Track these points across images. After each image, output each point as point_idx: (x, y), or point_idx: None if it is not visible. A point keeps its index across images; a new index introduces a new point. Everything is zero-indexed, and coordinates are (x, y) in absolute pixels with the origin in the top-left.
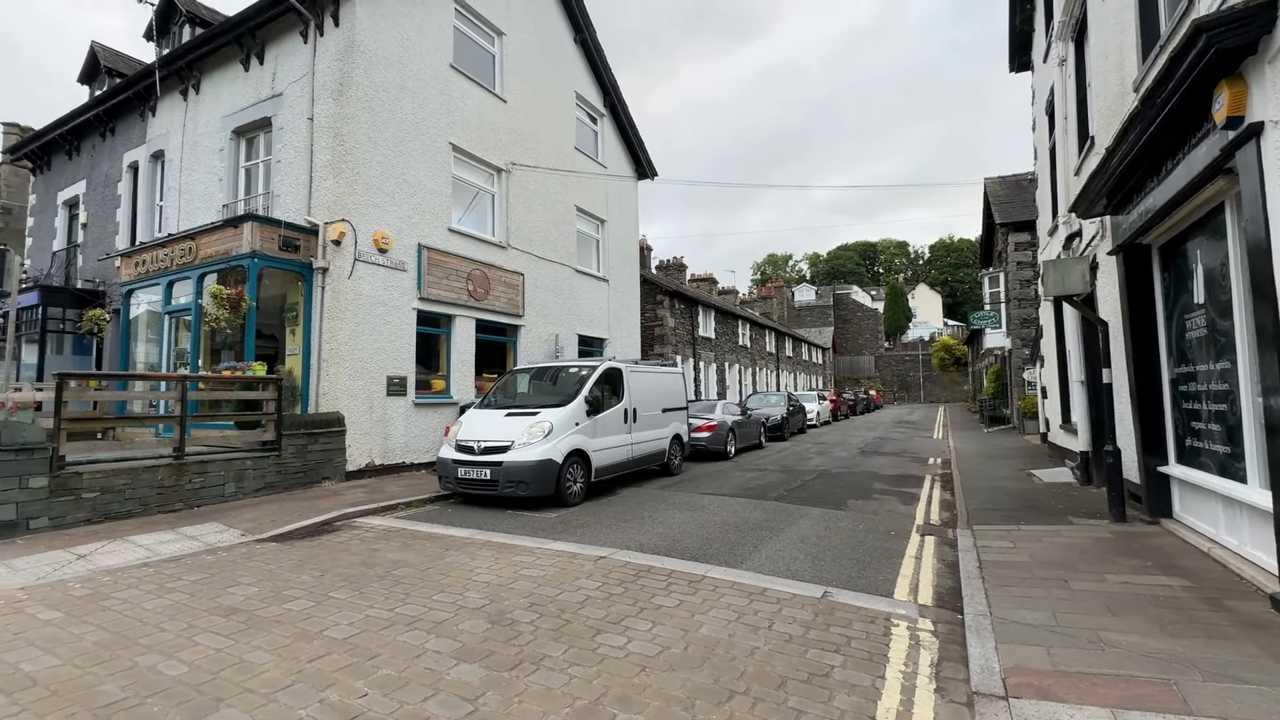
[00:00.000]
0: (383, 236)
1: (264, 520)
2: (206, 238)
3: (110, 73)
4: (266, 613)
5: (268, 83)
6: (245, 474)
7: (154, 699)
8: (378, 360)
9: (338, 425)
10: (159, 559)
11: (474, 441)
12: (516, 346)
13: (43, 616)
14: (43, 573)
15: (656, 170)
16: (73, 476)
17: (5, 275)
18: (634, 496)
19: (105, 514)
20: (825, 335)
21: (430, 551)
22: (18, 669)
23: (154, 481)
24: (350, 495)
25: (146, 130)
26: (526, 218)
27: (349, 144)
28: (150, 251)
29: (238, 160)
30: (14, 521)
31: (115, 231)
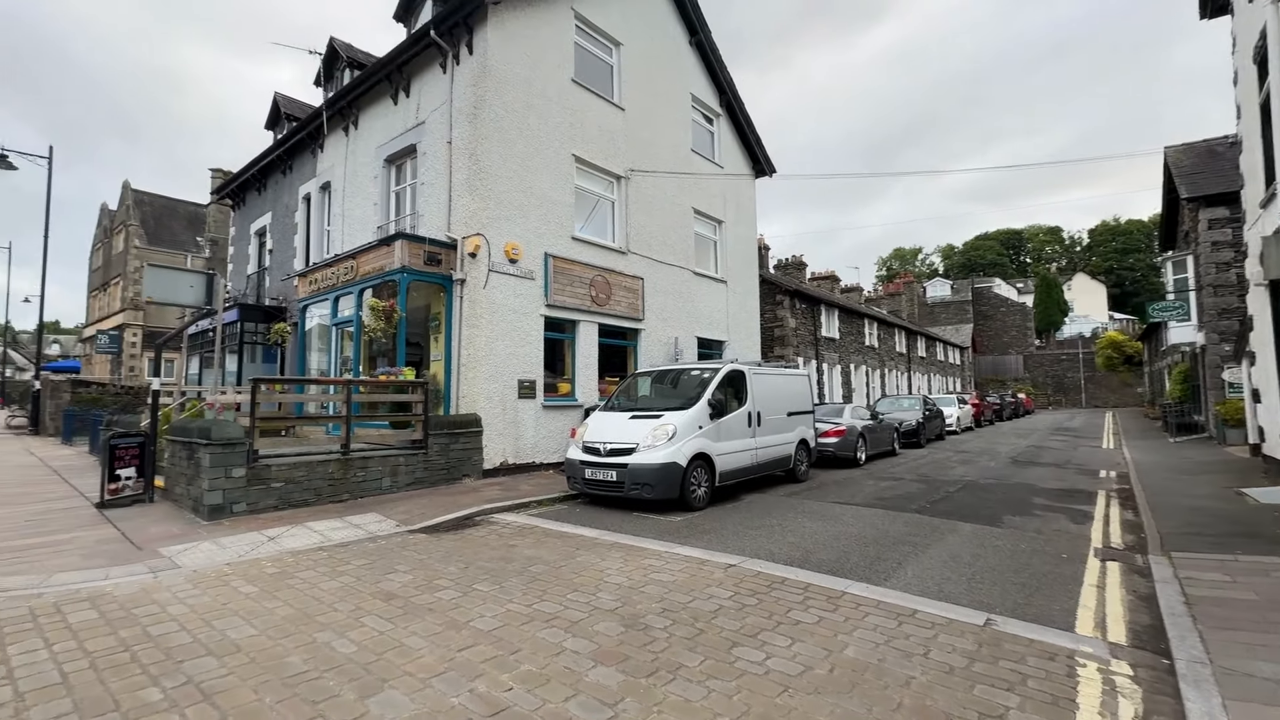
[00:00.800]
0: (513, 248)
1: (415, 513)
2: (365, 256)
3: (289, 118)
4: (420, 600)
5: (413, 113)
6: (399, 470)
7: (330, 674)
8: (510, 365)
9: (476, 426)
10: (331, 544)
11: (600, 443)
12: (637, 350)
13: (243, 590)
14: (242, 551)
15: (774, 166)
16: (264, 468)
17: (214, 296)
18: (760, 503)
19: (289, 501)
20: (963, 333)
21: (562, 550)
22: (225, 636)
23: (326, 474)
24: (487, 492)
25: (316, 165)
26: (645, 222)
27: (482, 163)
28: (320, 271)
29: (389, 185)
30: (221, 505)
31: (294, 255)
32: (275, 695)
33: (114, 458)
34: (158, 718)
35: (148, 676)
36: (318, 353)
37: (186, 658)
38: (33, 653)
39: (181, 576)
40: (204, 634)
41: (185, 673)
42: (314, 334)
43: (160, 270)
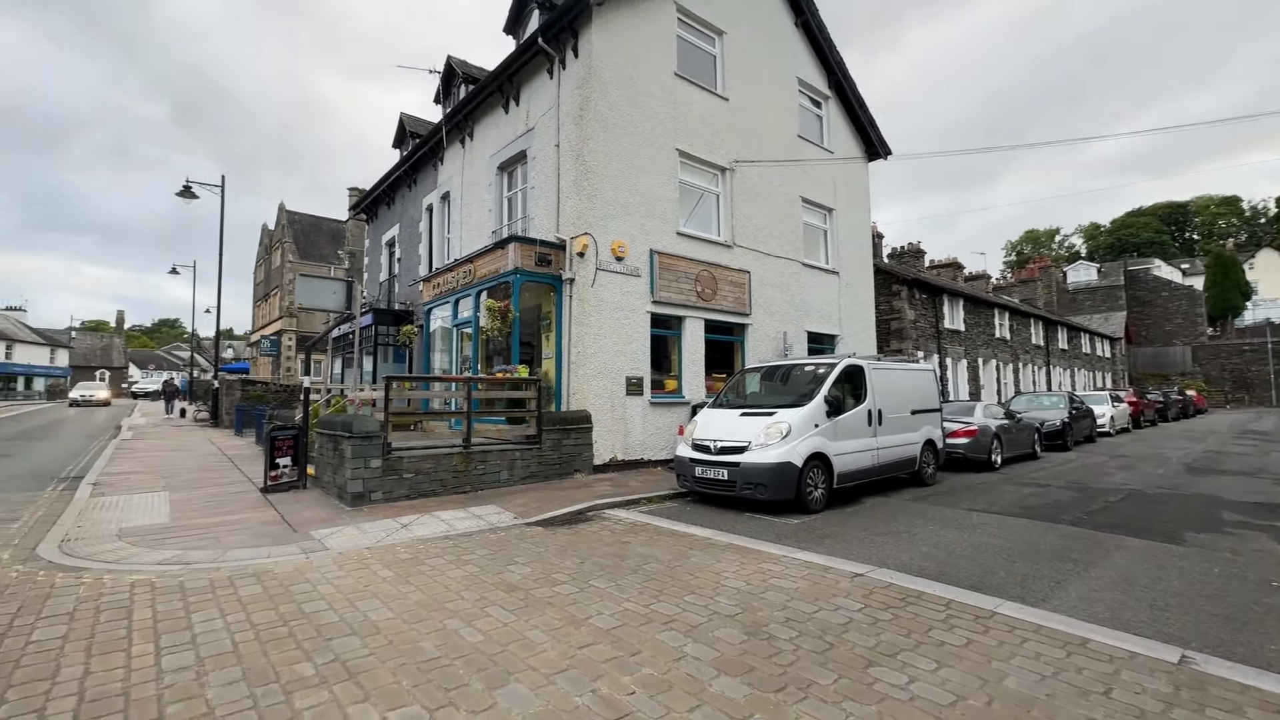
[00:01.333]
0: (619, 245)
1: (530, 506)
2: (481, 260)
3: (413, 135)
4: (539, 593)
5: (522, 120)
6: (515, 464)
7: (459, 662)
8: (617, 362)
9: (586, 422)
10: (456, 534)
11: (710, 441)
12: (744, 346)
13: (381, 574)
14: (379, 537)
15: (889, 147)
16: (397, 460)
17: (353, 301)
18: (883, 507)
19: (418, 491)
20: (1114, 322)
21: (675, 549)
22: (366, 617)
23: (450, 467)
24: (598, 488)
25: (437, 177)
26: (751, 214)
27: (589, 163)
28: (441, 276)
29: (502, 191)
30: (362, 493)
31: (418, 262)
32: (411, 679)
33: (274, 448)
34: (309, 692)
35: (302, 652)
36: (440, 353)
37: (334, 636)
38: (210, 621)
39: (329, 558)
40: (348, 614)
41: (333, 650)
42: (437, 335)
43: (309, 280)
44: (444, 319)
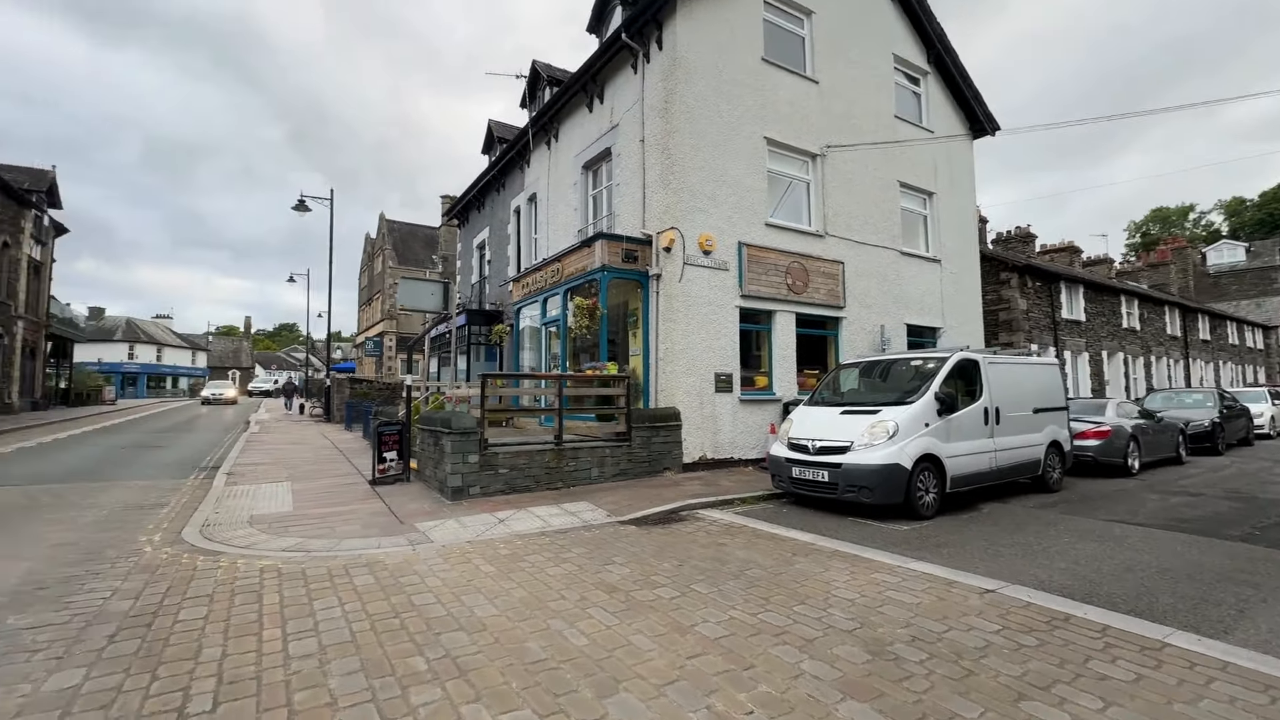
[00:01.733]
0: (706, 239)
1: (622, 504)
2: (568, 258)
3: (500, 141)
4: (640, 596)
5: (606, 117)
6: (605, 461)
7: (566, 666)
8: (706, 358)
9: (675, 420)
10: (552, 530)
11: (808, 440)
12: (838, 340)
13: (483, 569)
14: (479, 531)
15: (997, 122)
16: (493, 455)
17: (449, 302)
18: (1004, 515)
19: (513, 486)
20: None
21: (777, 554)
22: (473, 613)
23: (543, 463)
24: (689, 486)
25: (524, 179)
26: (844, 202)
27: (674, 156)
28: (530, 276)
29: (587, 190)
30: (461, 487)
31: (507, 263)
32: (520, 681)
33: (381, 443)
34: (424, 688)
35: (414, 645)
36: (529, 351)
37: (443, 630)
38: (329, 610)
39: (433, 551)
40: (455, 608)
41: (443, 645)
42: (526, 334)
43: (409, 282)
44: (532, 318)
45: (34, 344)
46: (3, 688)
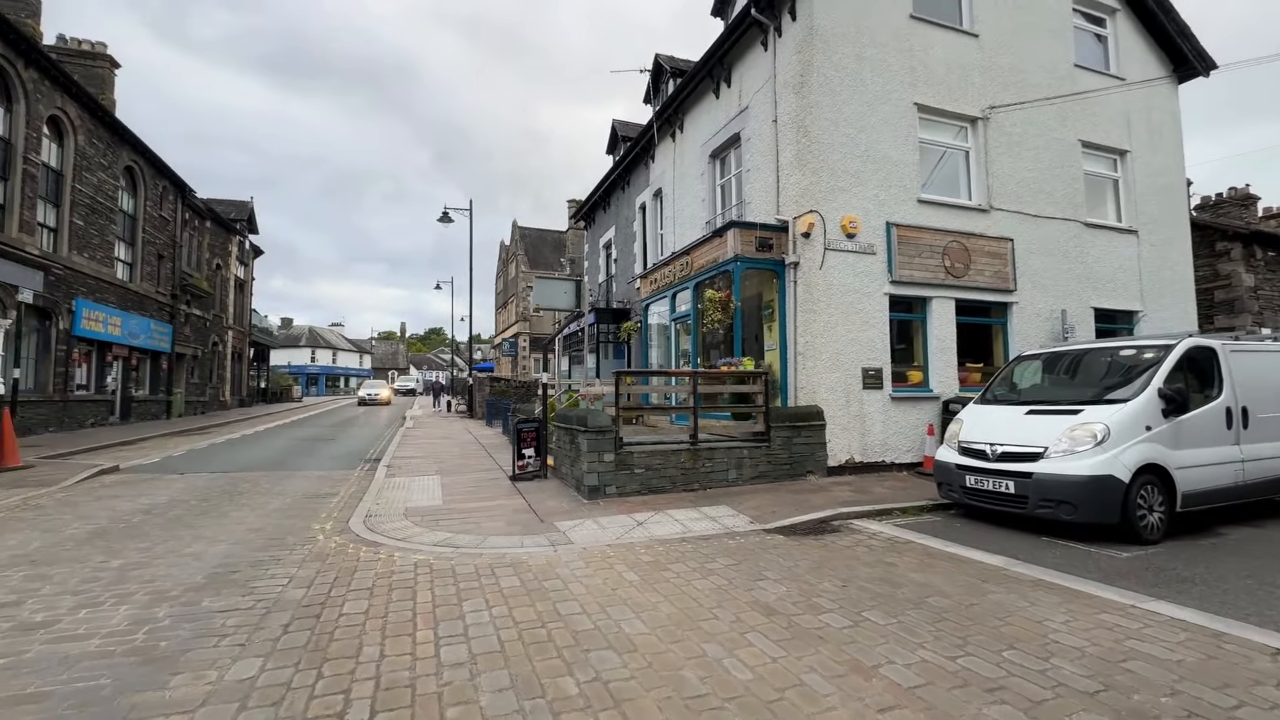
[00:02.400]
0: (850, 221)
1: (765, 509)
2: (698, 251)
3: (624, 139)
4: (804, 621)
5: (735, 101)
6: (743, 462)
7: (731, 706)
8: (851, 351)
9: (818, 419)
10: (693, 536)
11: (984, 444)
12: (1006, 328)
13: (626, 577)
14: (618, 533)
15: (1210, 58)
16: (628, 455)
17: (581, 299)
18: (1260, 543)
19: (649, 487)
20: None
21: (962, 580)
22: (620, 629)
23: (678, 464)
24: (837, 492)
25: (649, 175)
26: (1012, 169)
27: (812, 133)
28: (658, 271)
29: (714, 180)
30: (597, 486)
31: (634, 261)
32: (680, 718)
33: (520, 440)
34: (576, 716)
35: (563, 662)
36: (657, 348)
37: (591, 647)
38: (478, 613)
39: (574, 553)
40: (602, 622)
41: (593, 666)
42: (654, 330)
43: (544, 282)
44: (660, 314)
45: (240, 350)
46: (192, 673)
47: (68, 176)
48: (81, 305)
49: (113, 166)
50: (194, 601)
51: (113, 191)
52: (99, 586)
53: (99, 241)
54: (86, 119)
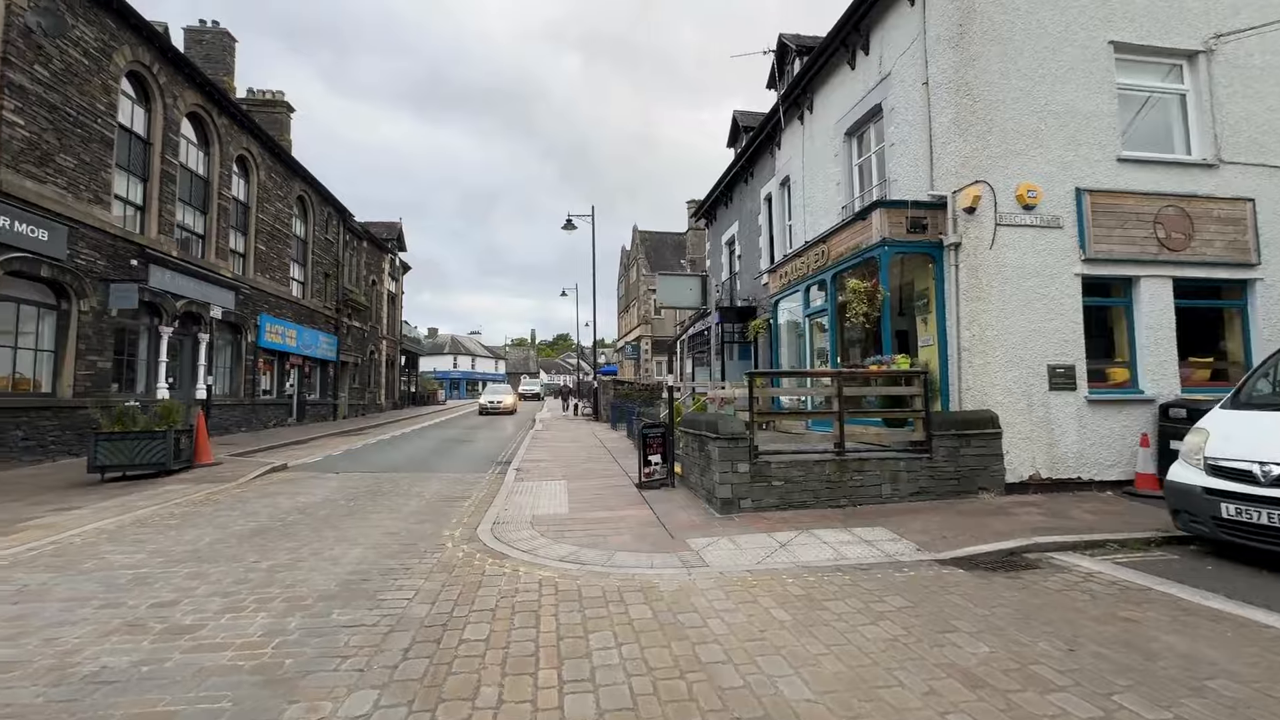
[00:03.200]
0: (1028, 190)
1: (933, 533)
2: (835, 238)
3: (745, 130)
4: (1029, 705)
5: (874, 69)
6: (899, 476)
7: None
8: (1032, 346)
9: (991, 426)
10: (848, 564)
11: (1248, 463)
12: (1247, 312)
13: (775, 615)
14: (759, 556)
15: None
16: (764, 465)
17: (707, 296)
18: None
19: (788, 502)
20: None
21: (1250, 654)
22: (779, 692)
23: (822, 476)
24: (1023, 516)
25: (774, 164)
26: (1249, 112)
27: (975, 91)
28: (788, 264)
29: (850, 160)
30: (730, 499)
31: (759, 256)
32: None
33: (645, 446)
34: None
35: None
36: (788, 347)
37: (743, 716)
38: (606, 651)
39: (711, 579)
40: (752, 677)
41: None
42: (784, 328)
43: (668, 279)
44: (791, 310)
45: (392, 357)
46: (308, 703)
47: (252, 207)
48: (265, 320)
49: (287, 197)
50: (324, 613)
51: (288, 219)
52: (246, 589)
53: (277, 263)
54: (266, 156)
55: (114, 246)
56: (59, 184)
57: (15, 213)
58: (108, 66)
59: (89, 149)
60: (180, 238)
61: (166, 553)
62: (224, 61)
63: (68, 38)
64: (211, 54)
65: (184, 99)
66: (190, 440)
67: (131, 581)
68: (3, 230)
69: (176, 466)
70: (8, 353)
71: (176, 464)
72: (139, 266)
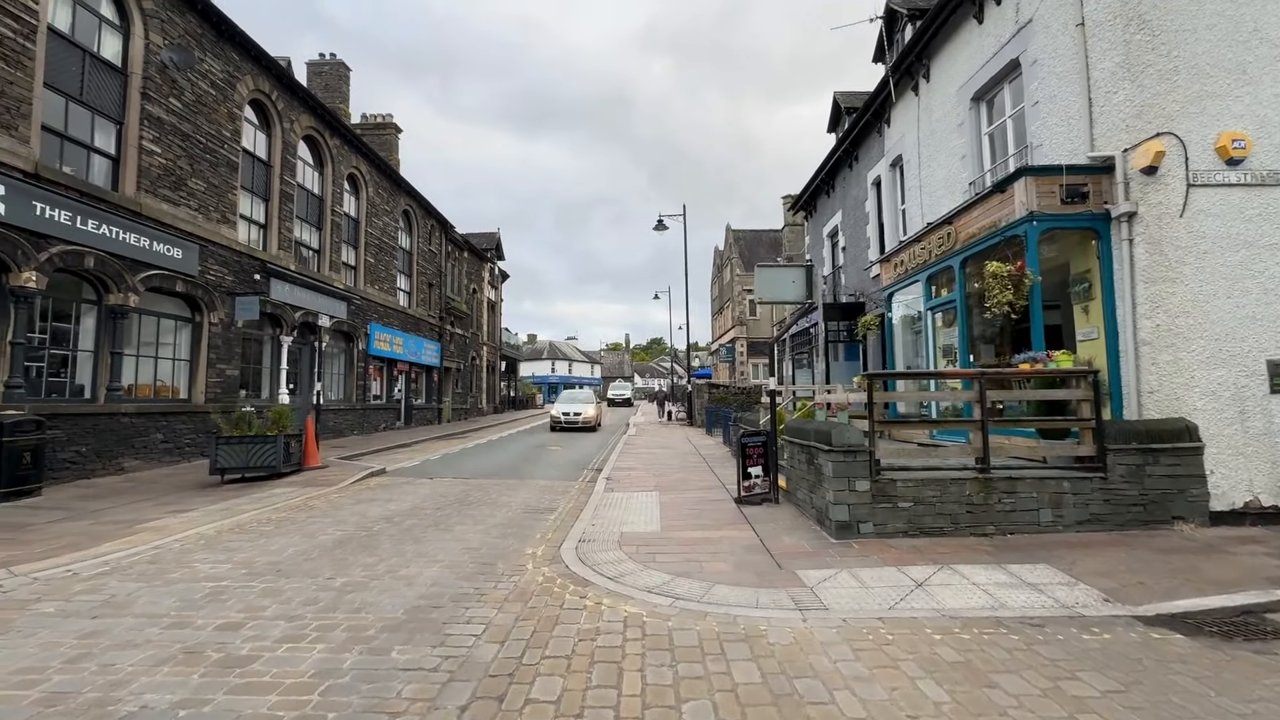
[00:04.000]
0: (1233, 140)
1: (1120, 577)
2: (965, 217)
3: (848, 111)
4: None
5: (1009, 19)
6: (1062, 499)
7: None
8: (1243, 336)
9: (1187, 439)
10: (1011, 615)
11: None
12: None
13: (928, 693)
14: (890, 599)
15: None
16: (888, 483)
17: (813, 288)
18: None
19: (918, 527)
20: None
21: None
22: None
23: (961, 497)
24: (1248, 557)
25: (884, 144)
26: None
27: (1153, 22)
28: (905, 251)
29: (978, 129)
30: (848, 523)
31: (866, 246)
32: None
33: (745, 456)
34: None
35: None
36: (903, 345)
37: None
38: None
39: (832, 627)
40: None
41: None
42: (899, 324)
43: (767, 270)
44: (908, 303)
45: (493, 363)
46: None
47: (362, 222)
48: (374, 329)
49: (393, 211)
50: (384, 648)
51: (394, 232)
52: (312, 612)
53: (385, 274)
54: (374, 173)
55: (239, 262)
56: (191, 206)
57: (154, 233)
58: (232, 96)
59: (217, 173)
60: (298, 252)
61: (250, 563)
62: (340, 90)
63: (197, 70)
64: (329, 84)
65: (299, 123)
66: (299, 444)
67: (207, 596)
68: (143, 250)
69: (286, 469)
70: (151, 362)
71: (286, 467)
72: (261, 281)
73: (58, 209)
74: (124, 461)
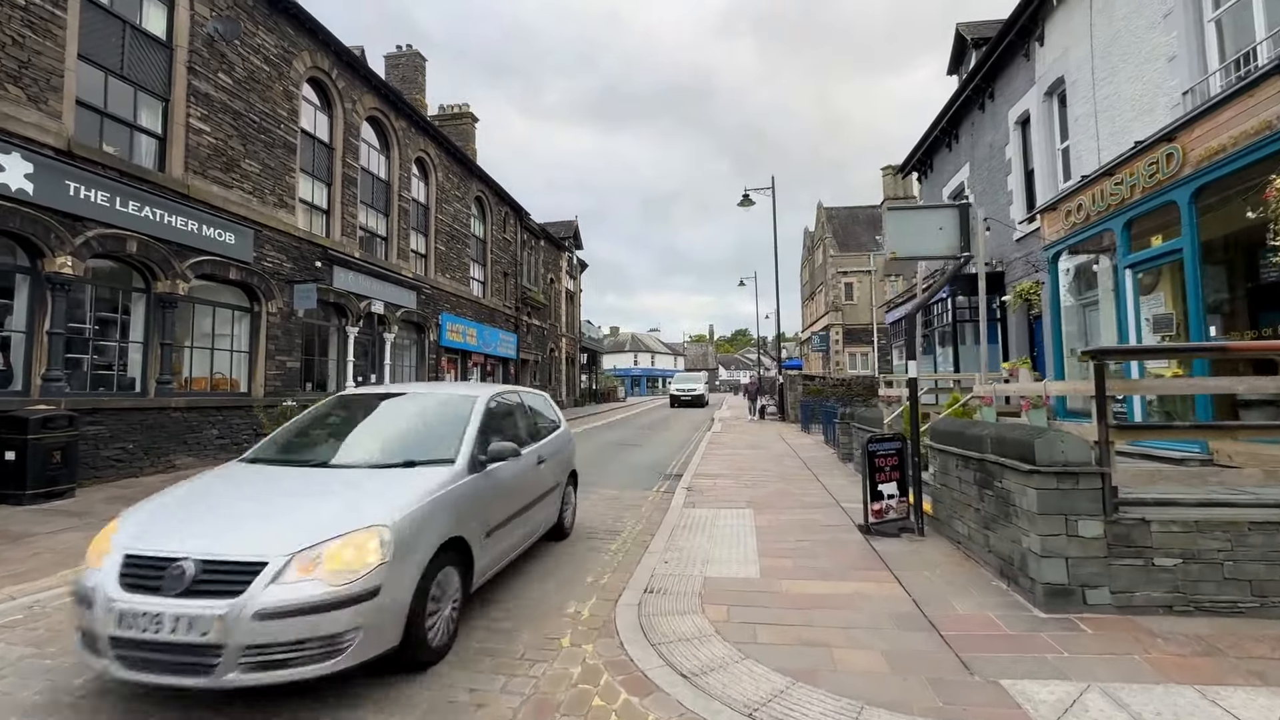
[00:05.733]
0: None
1: None
2: (1201, 126)
3: (976, 45)
4: None
5: None
6: None
7: None
8: None
9: None
10: None
11: None
12: None
13: None
14: None
15: None
16: (1136, 524)
17: (972, 236)
18: None
19: (1193, 602)
20: None
21: None
22: None
23: (1265, 553)
24: None
25: (1033, 70)
26: None
27: None
28: (1085, 192)
29: (1198, 15)
30: (1065, 587)
31: (1008, 201)
32: None
33: (873, 468)
34: None
35: None
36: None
37: None
38: None
39: None
40: None
41: None
42: (1066, 292)
43: (901, 214)
44: (1079, 264)
45: (572, 355)
46: None
47: (431, 208)
48: (446, 319)
49: (465, 197)
50: None
51: (466, 219)
52: None
53: (457, 263)
54: (444, 157)
55: (299, 249)
56: (244, 189)
57: (204, 217)
58: (288, 73)
59: (272, 154)
60: (363, 239)
61: None
62: (416, 80)
63: (248, 45)
64: (406, 75)
65: (362, 103)
66: None
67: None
68: (192, 234)
69: None
70: (207, 354)
71: None
72: (323, 268)
73: (94, 189)
74: (175, 458)
